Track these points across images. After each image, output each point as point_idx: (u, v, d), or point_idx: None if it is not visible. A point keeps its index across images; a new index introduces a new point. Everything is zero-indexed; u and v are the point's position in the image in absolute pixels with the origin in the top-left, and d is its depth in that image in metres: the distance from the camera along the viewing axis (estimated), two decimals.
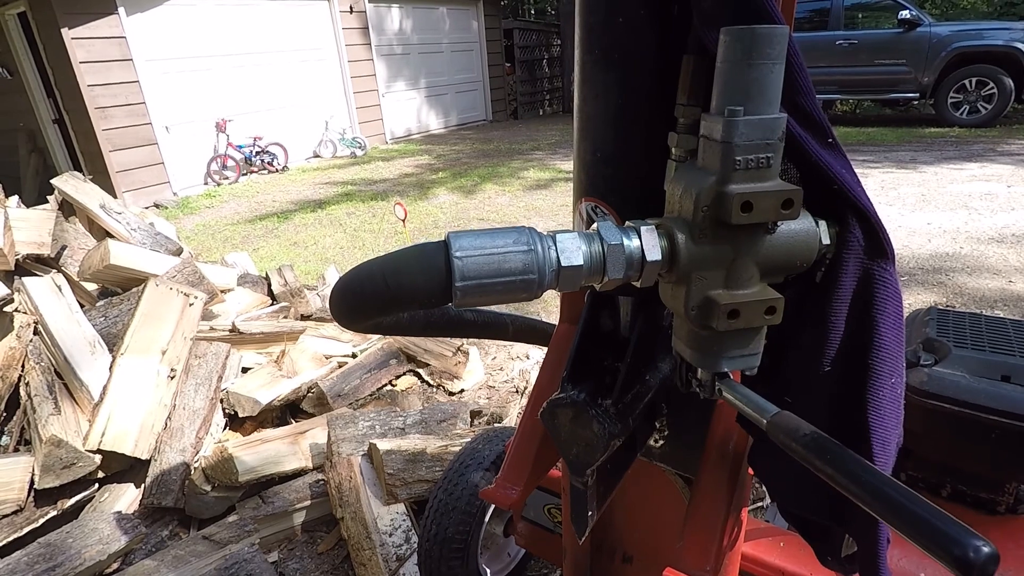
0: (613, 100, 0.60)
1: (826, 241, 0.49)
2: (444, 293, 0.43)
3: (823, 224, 0.50)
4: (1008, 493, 1.09)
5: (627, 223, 0.48)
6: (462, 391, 2.68)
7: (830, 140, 0.49)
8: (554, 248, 0.44)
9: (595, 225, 0.47)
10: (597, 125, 0.62)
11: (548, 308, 3.49)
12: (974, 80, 7.79)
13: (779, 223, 0.47)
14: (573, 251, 0.45)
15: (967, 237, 4.13)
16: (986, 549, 0.31)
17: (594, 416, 0.64)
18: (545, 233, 0.46)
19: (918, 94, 8.29)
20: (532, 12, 17.45)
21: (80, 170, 6.97)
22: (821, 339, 0.52)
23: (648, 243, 0.46)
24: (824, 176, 0.48)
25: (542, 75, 14.50)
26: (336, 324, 2.95)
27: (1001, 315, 3.11)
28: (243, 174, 8.07)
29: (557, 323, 0.93)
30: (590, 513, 0.72)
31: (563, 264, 0.44)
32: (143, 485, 1.98)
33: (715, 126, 0.44)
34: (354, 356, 2.71)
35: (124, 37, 6.70)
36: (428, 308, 0.45)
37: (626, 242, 0.46)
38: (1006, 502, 1.10)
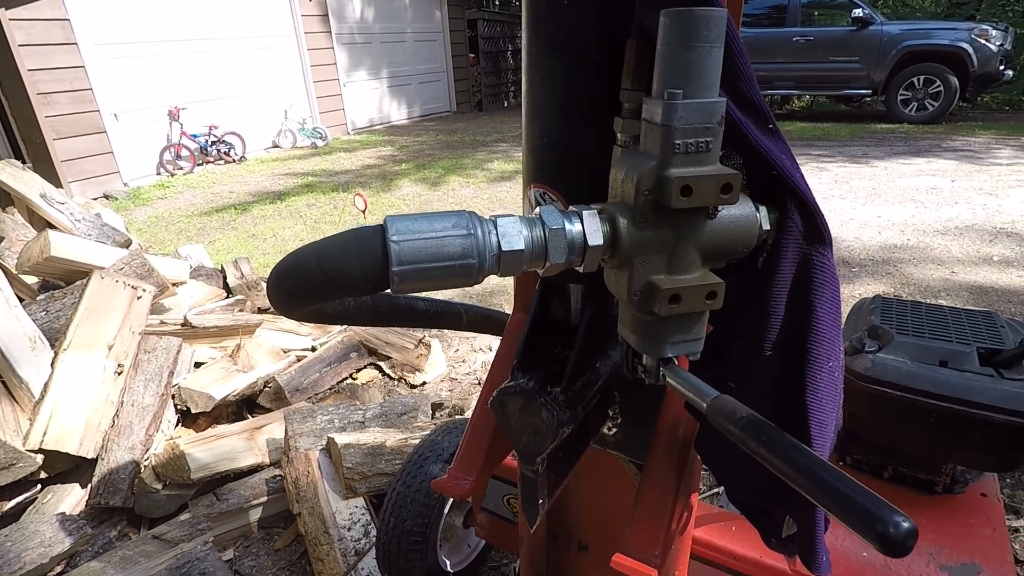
0: (559, 85, 0.59)
1: (766, 227, 0.50)
2: (381, 278, 0.42)
3: (763, 210, 0.50)
4: (945, 474, 1.14)
5: (570, 208, 0.48)
6: (424, 384, 2.66)
7: (770, 126, 0.50)
8: (494, 232, 0.44)
9: (537, 210, 0.46)
10: (544, 110, 0.61)
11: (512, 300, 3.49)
12: (922, 78, 8.10)
13: (720, 208, 0.47)
14: (514, 235, 0.44)
15: (914, 229, 4.30)
16: (906, 524, 0.32)
17: (543, 404, 0.63)
18: (486, 217, 0.45)
19: (870, 91, 8.58)
20: (496, 3, 17.33)
21: (21, 159, 6.62)
22: (761, 324, 0.53)
23: (590, 228, 0.45)
24: (764, 162, 0.49)
25: (507, 67, 14.44)
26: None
27: (942, 303, 3.26)
28: (198, 164, 7.80)
29: (511, 312, 0.92)
30: (540, 502, 0.72)
31: (504, 249, 0.43)
32: (89, 485, 1.90)
33: (655, 109, 0.44)
34: (313, 350, 2.65)
35: (68, 19, 6.37)
36: (365, 294, 0.44)
37: (568, 226, 0.45)
38: (943, 482, 1.15)
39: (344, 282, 0.42)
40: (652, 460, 0.73)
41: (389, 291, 0.43)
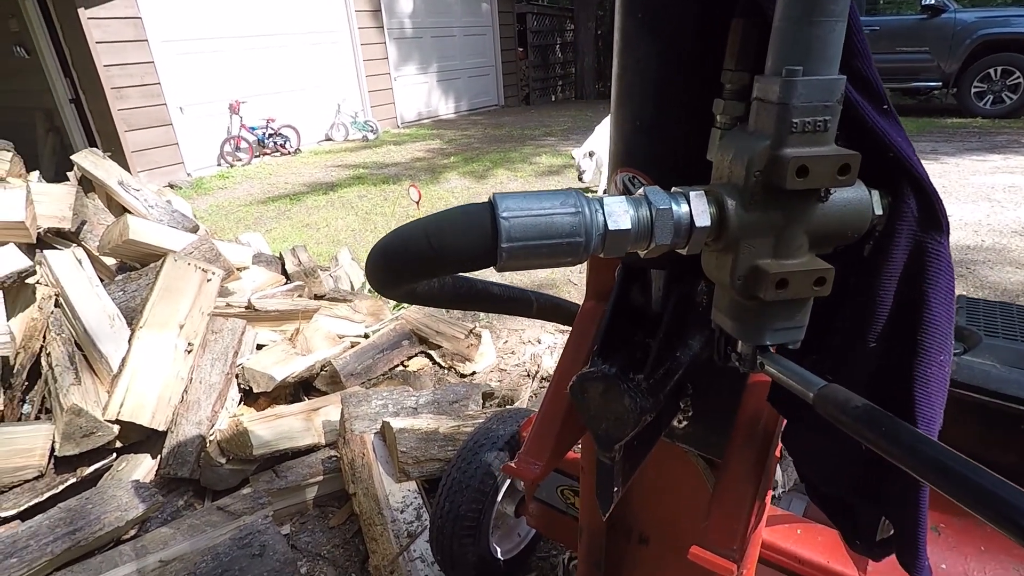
0: (653, 68, 0.58)
1: (878, 211, 0.48)
2: (489, 254, 0.42)
3: (876, 194, 0.48)
4: None
5: (674, 188, 0.47)
6: (474, 373, 2.68)
7: (885, 107, 0.48)
8: (601, 212, 0.43)
9: (642, 189, 0.46)
10: (636, 93, 0.60)
11: (561, 292, 3.47)
12: (999, 69, 7.61)
13: (832, 191, 0.45)
14: (621, 215, 0.43)
15: (989, 229, 4.06)
16: None
17: (625, 391, 0.63)
18: (592, 198, 0.45)
19: (940, 83, 8.11)
20: None
21: (100, 150, 6.99)
22: (868, 314, 0.50)
23: (697, 208, 0.44)
24: (880, 143, 0.47)
25: (555, 60, 14.34)
26: (351, 304, 2.95)
27: None
28: (256, 156, 8.07)
29: (582, 301, 0.92)
30: (616, 489, 0.71)
31: (610, 228, 0.43)
32: (159, 456, 2.00)
33: (771, 87, 0.43)
34: (367, 336, 2.71)
35: (139, 17, 6.69)
36: (471, 270, 0.44)
37: (675, 207, 0.44)
38: None
39: (452, 258, 0.43)
40: (732, 453, 0.72)
41: (493, 267, 0.43)
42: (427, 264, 0.44)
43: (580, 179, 4.82)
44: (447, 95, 11.51)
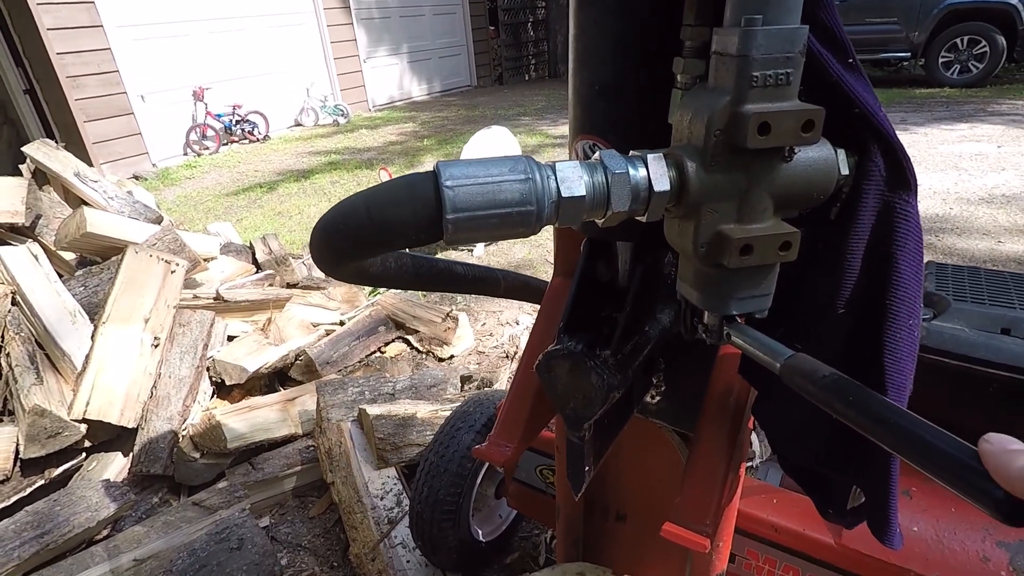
0: (611, 26, 0.55)
1: (844, 171, 0.46)
2: (434, 227, 0.39)
3: (842, 152, 0.46)
4: None
5: (632, 152, 0.44)
6: (452, 357, 2.66)
7: (851, 60, 0.45)
8: (553, 178, 0.40)
9: (597, 154, 0.43)
10: (594, 56, 0.57)
11: (539, 272, 3.45)
12: (966, 39, 7.68)
13: (796, 150, 0.43)
14: (574, 180, 0.41)
15: (957, 198, 4.13)
16: None
17: (592, 368, 0.61)
18: (543, 163, 0.42)
19: (909, 53, 8.18)
20: None
21: (55, 141, 6.74)
22: (836, 278, 0.49)
23: (656, 172, 0.42)
24: (845, 99, 0.44)
25: (527, 39, 14.14)
26: (325, 291, 2.90)
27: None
28: (223, 144, 7.85)
29: (550, 279, 0.89)
30: (587, 468, 0.70)
31: (563, 195, 0.40)
32: (131, 453, 1.95)
33: (730, 39, 0.40)
34: (342, 323, 2.67)
35: (92, 2, 6.41)
36: (416, 244, 0.41)
37: (632, 171, 0.42)
38: None
39: (395, 232, 0.40)
40: (703, 427, 0.70)
41: (442, 240, 0.40)
42: (369, 239, 0.40)
43: None
44: (419, 76, 11.30)
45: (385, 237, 0.40)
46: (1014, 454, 0.29)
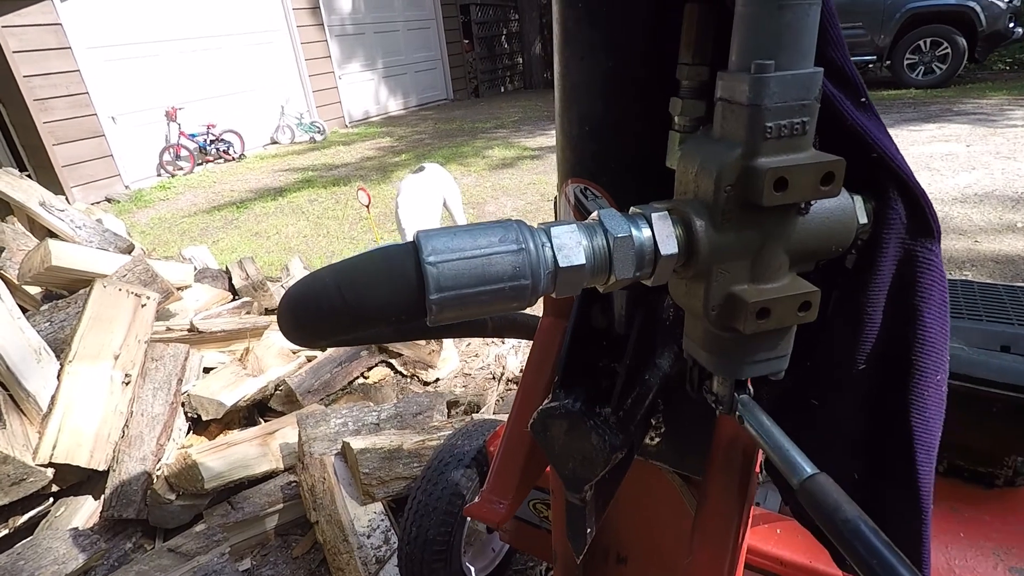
0: (601, 62, 0.51)
1: (863, 220, 0.42)
2: (416, 308, 0.34)
3: (859, 199, 0.42)
4: (1007, 466, 1.07)
5: (632, 209, 0.40)
6: (437, 380, 2.60)
7: (863, 100, 0.42)
8: (549, 245, 0.36)
9: (596, 213, 0.38)
10: (583, 93, 0.53)
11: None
12: (928, 41, 7.88)
13: (813, 201, 0.39)
14: (572, 247, 0.36)
15: (931, 199, 4.18)
16: None
17: (592, 428, 0.56)
18: (536, 227, 0.37)
19: (874, 57, 8.36)
20: None
21: (23, 166, 6.55)
22: (856, 332, 0.45)
23: (661, 233, 0.37)
24: (862, 143, 0.41)
25: (501, 51, 14.20)
26: None
27: (969, 276, 3.15)
28: (198, 164, 7.71)
29: (541, 316, 0.85)
30: (588, 530, 0.65)
31: (561, 265, 0.36)
32: (102, 497, 1.86)
33: (739, 86, 0.36)
34: (323, 349, 2.59)
35: (59, 24, 6.26)
36: (400, 325, 0.36)
37: (635, 233, 0.37)
38: (1004, 475, 1.08)
39: (372, 315, 0.35)
40: (711, 478, 0.66)
41: (425, 321, 0.36)
42: (343, 321, 0.35)
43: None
44: (395, 91, 11.25)
45: (361, 321, 0.35)
46: None
